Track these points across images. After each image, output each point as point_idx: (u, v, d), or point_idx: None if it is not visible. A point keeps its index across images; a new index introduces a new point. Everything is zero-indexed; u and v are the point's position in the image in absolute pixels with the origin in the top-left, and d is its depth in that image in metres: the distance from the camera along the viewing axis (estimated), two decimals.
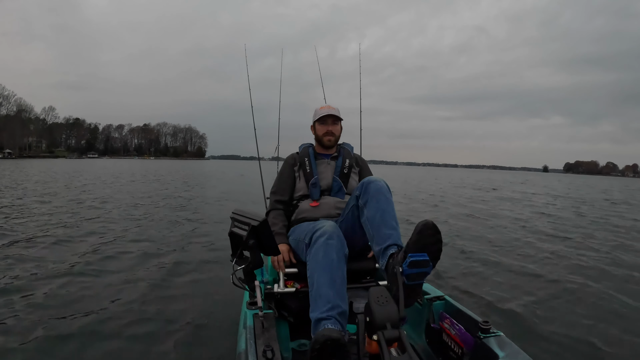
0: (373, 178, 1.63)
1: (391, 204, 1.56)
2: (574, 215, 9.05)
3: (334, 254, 1.45)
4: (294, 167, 2.04)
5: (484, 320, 1.39)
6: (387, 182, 1.62)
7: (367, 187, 1.58)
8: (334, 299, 1.36)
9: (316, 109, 2.10)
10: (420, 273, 1.24)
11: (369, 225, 1.52)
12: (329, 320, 1.33)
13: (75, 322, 2.36)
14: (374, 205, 1.53)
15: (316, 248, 1.47)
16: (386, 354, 1.06)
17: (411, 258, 1.22)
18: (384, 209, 1.52)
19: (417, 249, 1.24)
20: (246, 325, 1.40)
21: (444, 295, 1.70)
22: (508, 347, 1.29)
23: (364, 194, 1.58)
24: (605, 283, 3.48)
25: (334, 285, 1.39)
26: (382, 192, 1.56)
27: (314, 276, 1.42)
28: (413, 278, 1.24)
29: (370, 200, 1.55)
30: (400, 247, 1.40)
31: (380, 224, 1.48)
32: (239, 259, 1.39)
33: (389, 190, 1.60)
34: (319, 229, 1.52)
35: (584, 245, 5.32)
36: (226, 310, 2.56)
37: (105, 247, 4.27)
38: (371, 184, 1.58)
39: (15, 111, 75.32)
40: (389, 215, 1.51)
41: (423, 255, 1.23)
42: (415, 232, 1.26)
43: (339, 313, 1.35)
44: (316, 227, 1.55)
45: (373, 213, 1.52)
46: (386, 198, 1.55)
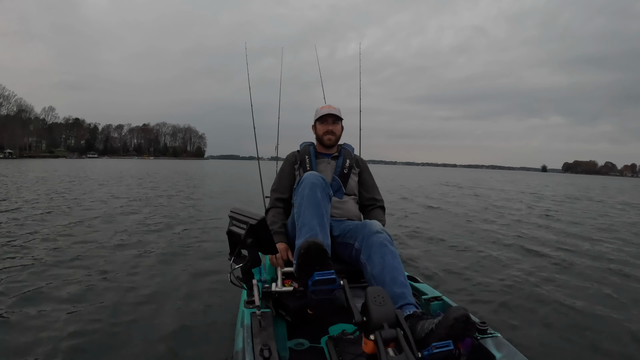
0: (373, 227, 1.59)
1: (397, 257, 1.51)
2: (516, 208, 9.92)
3: (319, 192, 1.57)
4: (295, 165, 2.04)
5: (481, 321, 1.39)
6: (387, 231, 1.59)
7: (369, 240, 1.54)
8: (316, 228, 1.50)
9: (317, 108, 2.10)
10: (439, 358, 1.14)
11: (375, 283, 1.46)
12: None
13: (70, 320, 2.36)
14: (378, 262, 1.48)
15: (303, 186, 1.60)
16: (383, 354, 1.06)
17: (435, 349, 1.11)
18: (390, 265, 1.47)
19: (442, 338, 1.16)
20: (244, 324, 1.40)
21: (441, 296, 1.70)
22: (505, 348, 1.29)
23: (365, 248, 1.54)
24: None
25: (316, 216, 1.53)
26: (386, 246, 1.51)
27: (300, 209, 1.57)
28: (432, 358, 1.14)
29: (373, 255, 1.50)
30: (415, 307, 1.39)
31: (390, 284, 1.43)
32: (236, 258, 1.39)
33: (391, 241, 1.55)
34: (306, 175, 1.63)
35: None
36: (224, 308, 2.57)
37: (104, 244, 4.27)
38: (372, 237, 1.54)
39: (15, 111, 75.41)
40: (397, 272, 1.46)
41: (448, 344, 1.12)
42: (444, 323, 1.18)
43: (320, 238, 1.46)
44: (303, 175, 1.65)
45: (379, 270, 1.47)
46: (391, 252, 1.50)
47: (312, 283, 1.28)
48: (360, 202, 2.07)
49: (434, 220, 7.41)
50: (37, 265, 3.44)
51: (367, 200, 2.07)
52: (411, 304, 1.40)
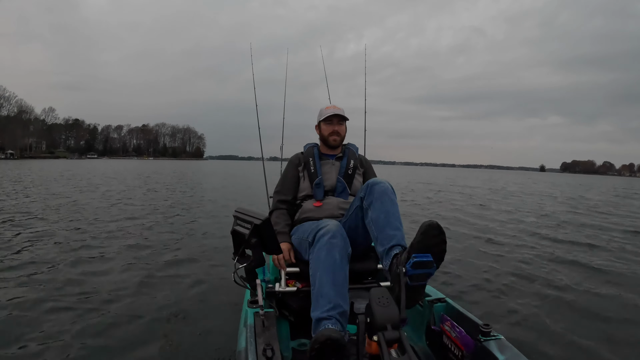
0: (378, 180, 1.63)
1: (395, 205, 1.55)
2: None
3: (337, 253, 1.44)
4: (298, 167, 2.03)
5: (485, 324, 1.39)
6: (391, 184, 1.62)
7: (372, 189, 1.57)
8: (335, 299, 1.36)
9: (321, 108, 2.09)
10: (423, 274, 1.24)
11: (373, 226, 1.52)
12: (330, 320, 1.33)
13: (74, 320, 2.36)
14: (378, 207, 1.53)
15: (319, 247, 1.47)
16: (386, 355, 1.06)
17: (415, 259, 1.21)
18: (388, 210, 1.51)
19: (421, 249, 1.23)
20: (247, 324, 1.40)
21: (445, 297, 1.70)
22: (508, 350, 1.28)
23: (369, 196, 1.57)
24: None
25: (335, 285, 1.39)
26: (387, 194, 1.55)
27: (316, 275, 1.42)
28: (416, 279, 1.24)
29: (374, 201, 1.54)
30: (404, 248, 1.40)
31: (384, 225, 1.48)
32: (240, 258, 1.39)
33: (393, 191, 1.60)
34: (323, 228, 1.51)
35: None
36: (227, 308, 2.57)
37: (105, 244, 4.27)
38: (376, 185, 1.58)
39: (16, 112, 75.43)
40: (393, 217, 1.50)
41: (427, 256, 1.22)
42: (419, 232, 1.25)
43: (340, 313, 1.35)
44: (320, 226, 1.54)
45: (377, 214, 1.52)
46: (390, 199, 1.55)
47: None
48: None
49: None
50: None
51: None
52: (399, 244, 1.42)
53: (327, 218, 1.82)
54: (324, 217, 1.83)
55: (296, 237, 1.77)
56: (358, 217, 1.63)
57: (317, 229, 1.54)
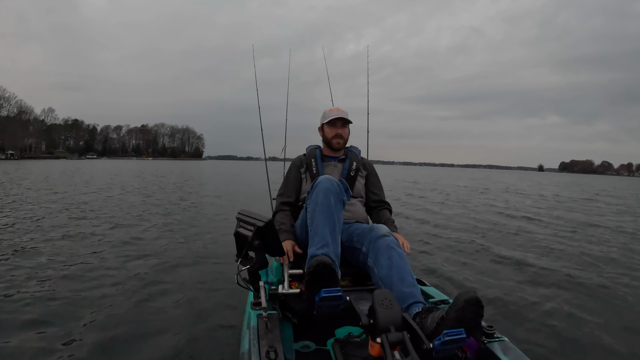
0: (379, 232, 1.59)
1: (404, 258, 1.51)
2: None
3: (332, 198, 1.55)
4: (301, 168, 2.03)
5: (489, 325, 1.38)
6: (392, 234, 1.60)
7: (375, 244, 1.54)
8: (328, 237, 1.49)
9: (325, 111, 2.08)
10: (451, 349, 1.11)
11: (384, 284, 1.46)
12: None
13: (78, 322, 2.36)
14: (386, 264, 1.49)
15: (316, 192, 1.57)
16: (389, 357, 1.05)
17: (447, 337, 1.07)
18: (398, 265, 1.47)
19: (454, 325, 1.12)
20: (250, 326, 1.39)
21: (448, 299, 1.69)
22: (512, 352, 1.28)
23: (372, 252, 1.54)
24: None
25: (329, 225, 1.51)
26: (393, 248, 1.52)
27: (313, 216, 1.54)
28: (442, 353, 1.10)
29: (380, 257, 1.51)
30: (424, 304, 1.38)
31: (398, 284, 1.43)
32: (243, 260, 1.38)
33: (398, 243, 1.56)
34: (321, 179, 1.60)
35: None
36: (230, 310, 2.57)
37: (108, 246, 4.27)
38: (379, 240, 1.55)
39: (16, 113, 75.55)
40: (405, 272, 1.46)
41: (459, 332, 1.09)
42: (455, 307, 1.15)
43: (332, 251, 1.48)
44: (318, 179, 1.62)
45: (387, 272, 1.47)
46: (398, 253, 1.51)
47: (319, 299, 1.27)
48: (368, 204, 2.07)
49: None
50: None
51: (374, 203, 2.07)
52: (420, 302, 1.40)
53: None
54: None
55: (298, 224, 1.79)
56: (358, 254, 1.64)
57: (317, 181, 1.61)
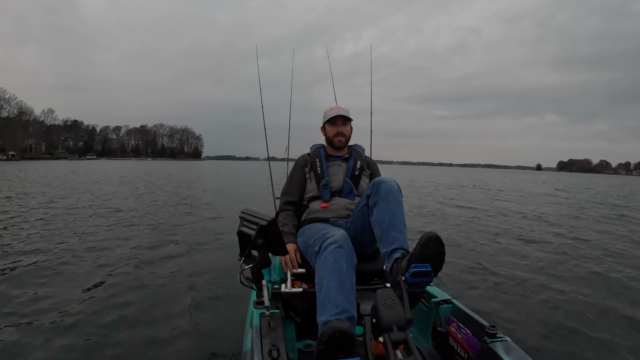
0: (385, 178, 1.62)
1: (401, 206, 1.55)
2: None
3: (344, 262, 1.42)
4: (305, 168, 2.02)
5: (491, 325, 1.38)
6: (398, 183, 1.61)
7: (378, 187, 1.57)
8: (343, 304, 1.33)
9: (325, 110, 2.08)
10: (421, 282, 1.29)
11: (377, 226, 1.52)
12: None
13: (79, 318, 2.37)
14: (383, 207, 1.53)
15: (326, 255, 1.44)
16: (392, 356, 1.06)
17: (414, 269, 1.26)
18: (393, 211, 1.52)
19: (421, 260, 1.28)
20: (253, 325, 1.40)
21: (451, 299, 1.69)
22: (515, 352, 1.28)
23: (375, 194, 1.57)
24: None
25: (343, 291, 1.36)
26: (393, 193, 1.55)
27: (323, 281, 1.39)
28: (415, 286, 1.29)
29: (380, 200, 1.54)
30: (405, 252, 1.42)
31: (388, 227, 1.49)
32: (247, 258, 1.39)
33: (399, 191, 1.59)
34: (330, 237, 1.49)
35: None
36: (233, 309, 2.57)
37: (108, 245, 4.27)
38: (382, 184, 1.58)
39: (16, 114, 75.67)
40: (398, 218, 1.51)
41: (426, 266, 1.27)
42: (419, 243, 1.30)
43: (348, 317, 1.32)
44: (326, 235, 1.51)
45: (382, 214, 1.52)
46: (396, 200, 1.55)
47: None
48: None
49: None
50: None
51: None
52: (402, 248, 1.44)
53: (335, 219, 1.82)
54: (331, 218, 1.83)
55: (302, 241, 1.76)
56: (365, 215, 1.63)
57: (324, 238, 1.50)
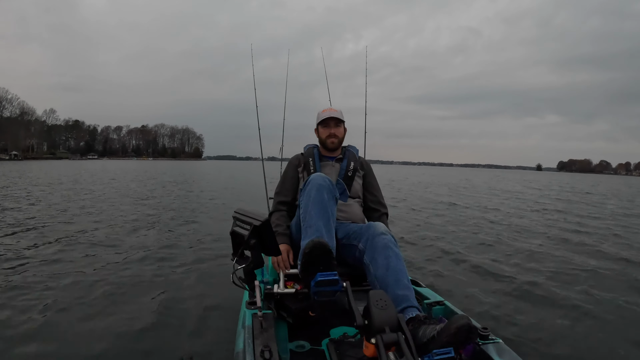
0: (377, 229, 1.57)
1: (401, 259, 1.51)
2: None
3: (325, 194, 1.56)
4: (298, 168, 2.02)
5: (483, 327, 1.38)
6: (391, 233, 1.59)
7: (373, 242, 1.53)
8: (322, 229, 1.48)
9: (318, 111, 2.08)
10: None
11: (379, 285, 1.46)
12: None
13: (72, 319, 2.36)
14: (383, 264, 1.48)
15: (309, 188, 1.59)
16: (384, 358, 1.05)
17: (436, 356, 1.14)
18: (395, 267, 1.47)
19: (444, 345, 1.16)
20: (245, 325, 1.39)
21: (443, 301, 1.69)
22: (507, 354, 1.28)
23: (370, 250, 1.53)
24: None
25: (322, 218, 1.51)
26: (390, 248, 1.51)
27: (307, 210, 1.55)
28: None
29: (377, 256, 1.50)
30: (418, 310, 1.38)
31: (393, 286, 1.43)
32: (239, 259, 1.38)
33: (395, 243, 1.55)
34: (313, 176, 1.62)
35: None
36: (225, 309, 2.56)
37: (105, 245, 4.27)
38: (377, 238, 1.53)
39: (18, 114, 75.98)
40: (401, 274, 1.46)
41: (449, 352, 1.14)
42: (447, 331, 1.17)
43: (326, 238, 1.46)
44: (310, 177, 1.64)
45: (383, 272, 1.46)
46: (395, 254, 1.50)
47: (314, 284, 1.28)
48: (365, 205, 2.06)
49: None
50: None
51: (372, 203, 2.06)
52: (414, 306, 1.39)
53: None
54: None
55: (294, 222, 1.77)
56: (355, 251, 1.62)
57: (308, 179, 1.63)
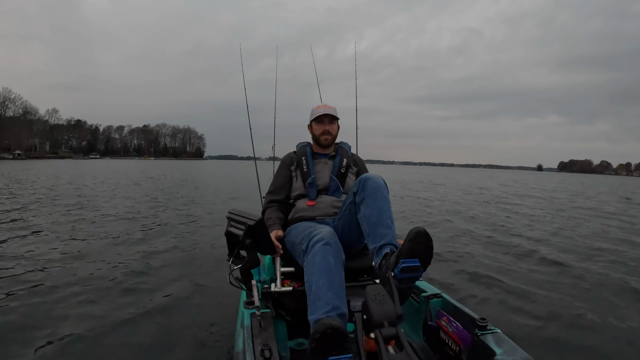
0: (371, 175, 1.63)
1: (388, 202, 1.57)
2: None
3: (332, 258, 1.41)
4: (291, 166, 2.02)
5: (481, 318, 1.40)
6: (384, 179, 1.63)
7: (365, 184, 1.58)
8: (333, 301, 1.32)
9: (313, 108, 2.09)
10: (411, 277, 1.31)
11: (365, 223, 1.53)
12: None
13: (71, 320, 2.36)
14: (370, 203, 1.54)
15: (314, 252, 1.42)
16: (383, 352, 1.06)
17: (403, 264, 1.28)
18: (380, 207, 1.53)
19: (409, 255, 1.29)
20: (244, 325, 1.40)
21: (441, 293, 1.70)
22: (505, 343, 1.29)
23: (362, 191, 1.59)
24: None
25: (332, 287, 1.34)
26: (380, 190, 1.57)
27: (312, 279, 1.38)
28: (404, 282, 1.31)
29: (367, 197, 1.56)
30: (394, 247, 1.44)
31: (376, 223, 1.50)
32: (235, 259, 1.39)
33: (386, 187, 1.61)
34: (317, 235, 1.47)
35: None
36: (224, 310, 2.55)
37: (101, 245, 4.27)
38: (369, 180, 1.59)
39: (21, 113, 76.47)
40: (385, 214, 1.52)
41: (414, 261, 1.29)
42: (407, 239, 1.31)
43: (339, 314, 1.31)
44: (313, 233, 1.49)
45: (370, 211, 1.53)
46: (383, 196, 1.56)
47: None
48: None
49: None
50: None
51: None
52: (391, 244, 1.45)
53: (321, 217, 1.82)
54: (317, 216, 1.83)
55: (289, 240, 1.73)
56: (352, 213, 1.64)
57: (311, 236, 1.48)
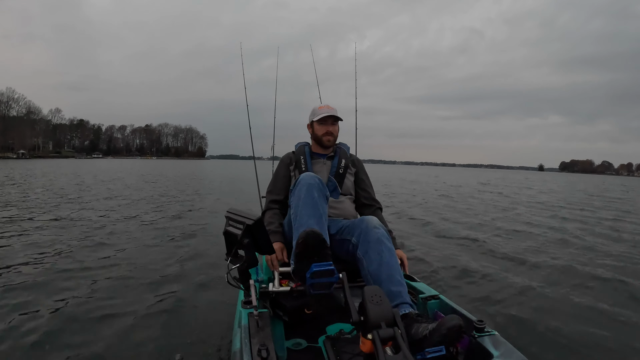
0: (370, 223, 1.58)
1: (394, 254, 1.51)
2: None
3: (315, 192, 1.54)
4: (290, 166, 2.03)
5: (479, 320, 1.39)
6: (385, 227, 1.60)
7: (366, 236, 1.54)
8: (314, 226, 1.43)
9: (314, 108, 2.07)
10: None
11: (372, 280, 1.46)
12: None
13: (69, 319, 2.37)
14: (375, 258, 1.48)
15: (299, 188, 1.57)
16: (381, 353, 1.06)
17: (429, 354, 1.18)
18: (387, 262, 1.47)
19: (436, 344, 1.19)
20: (241, 324, 1.40)
21: (438, 295, 1.70)
22: (502, 346, 1.28)
23: (363, 244, 1.54)
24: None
25: (313, 217, 1.48)
26: (383, 242, 1.51)
27: (297, 210, 1.53)
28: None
29: (370, 251, 1.50)
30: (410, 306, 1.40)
31: (386, 282, 1.43)
32: (233, 258, 1.39)
33: (389, 237, 1.56)
34: (303, 176, 1.60)
35: None
36: (221, 309, 2.55)
37: (98, 246, 4.29)
38: (370, 232, 1.54)
39: (24, 113, 76.90)
40: (394, 270, 1.47)
41: (440, 350, 1.19)
42: (439, 332, 1.20)
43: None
44: (300, 176, 1.63)
45: (376, 267, 1.47)
46: (388, 249, 1.51)
47: (310, 275, 1.27)
48: (358, 202, 2.06)
49: None
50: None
51: (365, 200, 2.06)
52: (407, 303, 1.41)
53: None
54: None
55: (286, 222, 1.77)
56: (348, 245, 1.62)
57: (298, 179, 1.62)
